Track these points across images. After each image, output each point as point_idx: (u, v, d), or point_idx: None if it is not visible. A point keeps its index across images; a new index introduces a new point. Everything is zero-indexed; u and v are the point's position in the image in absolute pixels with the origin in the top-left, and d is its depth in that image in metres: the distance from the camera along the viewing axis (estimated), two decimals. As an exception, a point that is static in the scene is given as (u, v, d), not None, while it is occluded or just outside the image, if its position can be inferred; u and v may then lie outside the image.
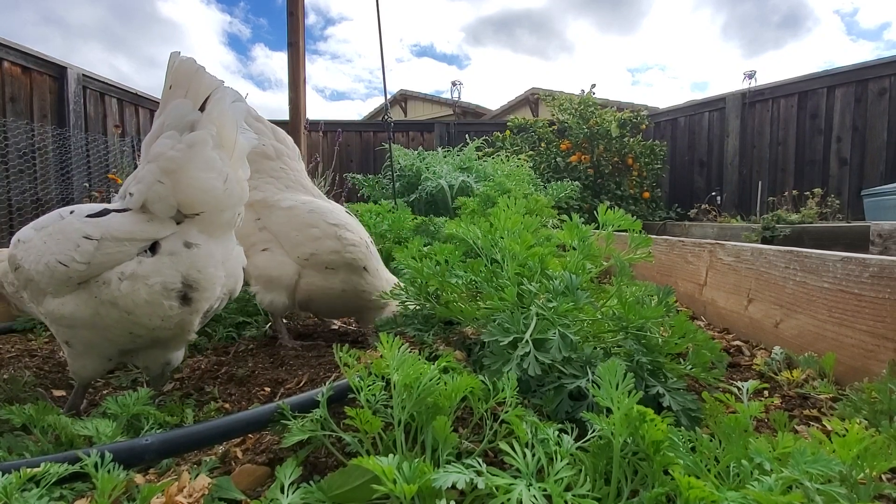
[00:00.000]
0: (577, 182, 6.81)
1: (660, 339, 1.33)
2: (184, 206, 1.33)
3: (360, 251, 2.01)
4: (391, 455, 0.78)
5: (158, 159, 1.30)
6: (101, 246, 1.28)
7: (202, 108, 1.31)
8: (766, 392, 1.57)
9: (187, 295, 1.34)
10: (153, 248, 1.32)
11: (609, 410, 0.85)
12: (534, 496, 0.72)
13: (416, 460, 0.77)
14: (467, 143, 6.99)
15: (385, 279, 2.10)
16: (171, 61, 1.33)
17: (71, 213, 1.38)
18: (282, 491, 0.83)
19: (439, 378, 0.98)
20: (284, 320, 2.28)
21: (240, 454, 1.15)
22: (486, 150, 7.78)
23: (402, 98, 22.56)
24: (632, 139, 8.07)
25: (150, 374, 1.56)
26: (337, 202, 2.34)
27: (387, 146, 5.10)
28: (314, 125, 4.90)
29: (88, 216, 1.34)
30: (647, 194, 8.06)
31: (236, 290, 1.54)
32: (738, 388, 1.11)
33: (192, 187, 1.30)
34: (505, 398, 0.99)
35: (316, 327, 2.49)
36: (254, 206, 2.06)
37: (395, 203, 4.16)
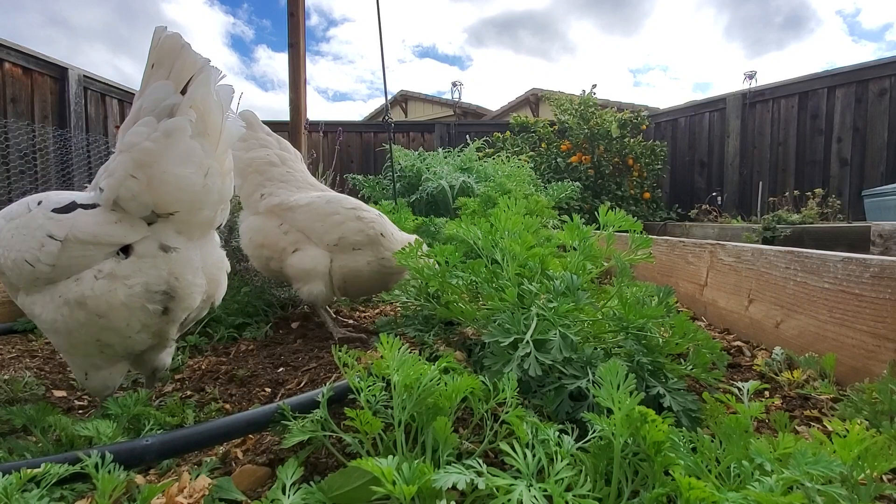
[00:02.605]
0: (577, 183, 6.80)
1: (660, 340, 1.33)
2: (158, 204, 1.19)
3: (377, 224, 2.16)
4: (391, 456, 0.78)
5: (131, 150, 1.15)
6: (65, 248, 1.16)
7: (184, 91, 1.16)
8: (766, 392, 1.57)
9: (166, 304, 1.23)
10: (126, 251, 1.20)
11: (610, 411, 0.85)
12: (534, 496, 0.72)
13: (417, 461, 0.77)
14: (468, 144, 6.99)
15: (400, 240, 2.21)
16: (155, 36, 1.17)
17: (38, 203, 1.24)
18: (283, 491, 0.83)
19: (439, 379, 0.98)
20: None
21: (240, 455, 1.15)
22: (487, 150, 7.79)
23: (403, 99, 22.56)
24: (632, 140, 8.07)
25: (143, 375, 1.51)
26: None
27: (387, 147, 5.11)
28: (315, 126, 4.91)
29: (55, 210, 1.21)
30: (647, 195, 8.06)
31: (218, 297, 1.41)
32: (739, 389, 1.11)
33: (168, 183, 1.16)
34: (505, 399, 0.99)
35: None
36: (274, 212, 2.18)
37: (396, 203, 4.16)
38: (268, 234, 2.17)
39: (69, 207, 1.21)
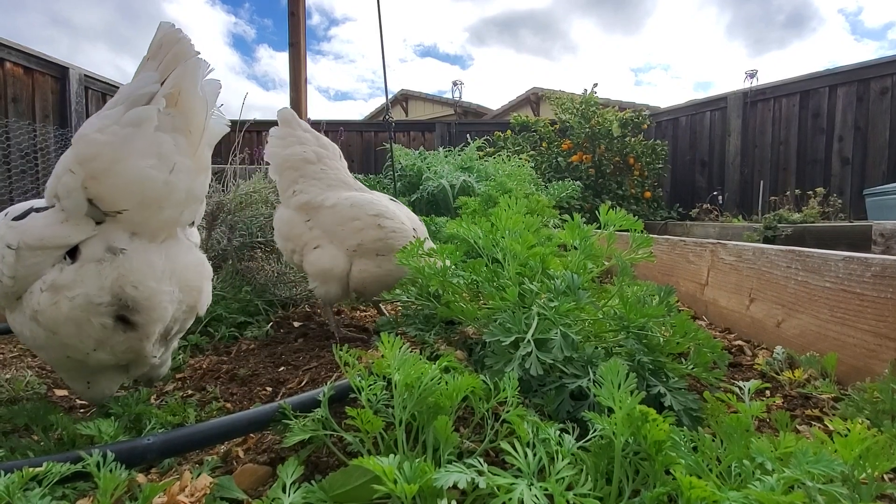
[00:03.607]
0: (578, 182, 6.80)
1: (661, 339, 1.33)
2: (102, 200, 1.08)
3: (401, 235, 2.10)
4: (392, 455, 0.78)
5: (78, 142, 1.06)
6: (19, 256, 1.08)
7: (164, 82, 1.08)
8: (767, 392, 1.57)
9: (127, 317, 1.11)
10: (73, 254, 1.09)
11: (611, 410, 0.85)
12: (535, 496, 0.72)
13: (417, 460, 0.77)
14: (468, 143, 6.99)
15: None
16: (157, 30, 1.11)
17: (5, 215, 1.17)
18: (283, 490, 0.83)
19: (440, 378, 0.98)
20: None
21: (241, 454, 1.15)
22: (488, 149, 7.78)
23: (404, 98, 22.55)
24: (633, 139, 8.06)
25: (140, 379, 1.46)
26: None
27: (388, 146, 5.11)
28: (315, 125, 4.89)
29: (14, 218, 1.14)
30: (648, 194, 8.05)
31: (201, 305, 1.27)
32: (740, 388, 1.11)
33: (116, 177, 1.05)
34: (506, 398, 0.99)
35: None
36: (303, 209, 2.21)
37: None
38: (293, 228, 2.21)
39: (25, 213, 1.13)
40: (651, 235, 1.62)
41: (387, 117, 4.42)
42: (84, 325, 1.09)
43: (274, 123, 2.30)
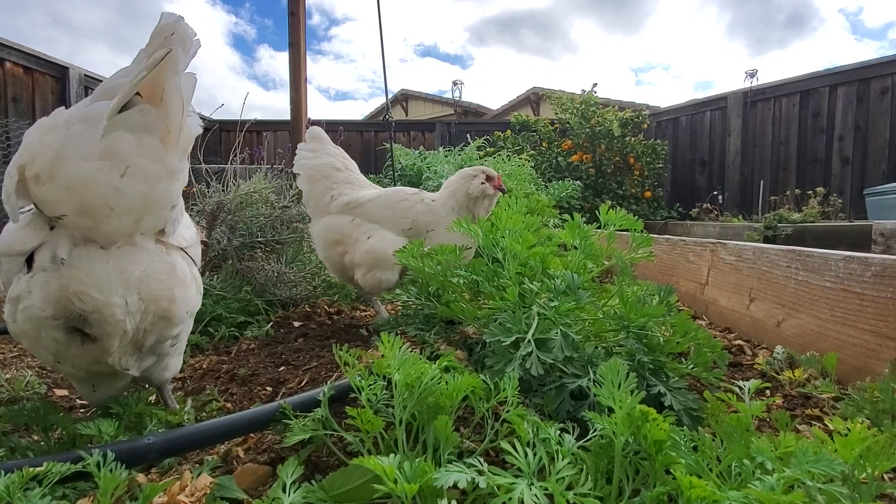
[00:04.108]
0: (578, 181, 6.81)
1: (661, 339, 1.33)
2: (43, 204, 1.00)
3: (440, 207, 2.26)
4: (392, 454, 0.78)
5: (23, 141, 0.99)
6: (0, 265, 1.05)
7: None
8: (767, 391, 1.57)
9: (84, 330, 1.04)
10: (30, 262, 1.03)
11: (611, 410, 0.85)
12: (535, 495, 0.72)
13: (418, 460, 0.77)
14: (468, 143, 7.00)
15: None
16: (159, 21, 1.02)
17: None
18: (284, 490, 0.83)
19: (440, 377, 0.98)
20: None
21: (241, 453, 1.15)
22: (488, 149, 7.78)
23: (404, 98, 22.55)
24: (633, 138, 8.06)
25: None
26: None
27: (388, 146, 5.10)
28: (315, 125, 4.90)
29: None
30: (648, 194, 8.05)
31: (174, 313, 1.14)
32: (740, 388, 1.11)
33: (58, 180, 0.96)
34: (506, 397, 0.99)
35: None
36: (345, 210, 2.33)
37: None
38: (342, 230, 2.30)
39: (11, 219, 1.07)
40: (651, 235, 1.62)
41: (387, 117, 4.42)
42: (37, 339, 1.03)
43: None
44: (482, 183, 2.26)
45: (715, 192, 8.20)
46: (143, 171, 1.00)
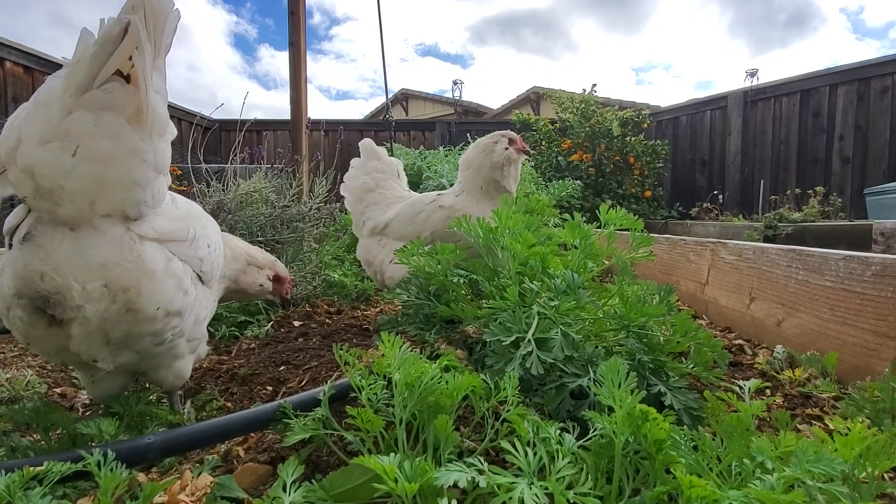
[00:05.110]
0: (578, 181, 6.80)
1: (661, 338, 1.33)
2: (14, 187, 1.02)
3: (460, 207, 2.18)
4: (393, 454, 0.78)
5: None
6: None
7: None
8: (767, 391, 1.57)
9: (51, 312, 1.04)
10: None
11: (611, 409, 0.85)
12: (535, 495, 0.72)
13: (418, 459, 0.77)
14: (469, 142, 6.98)
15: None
16: None
17: None
18: (284, 489, 0.83)
19: (441, 377, 0.98)
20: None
21: (242, 453, 1.15)
22: (488, 149, 7.77)
23: (404, 97, 22.55)
24: (633, 138, 8.06)
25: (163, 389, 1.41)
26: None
27: (388, 145, 5.10)
28: (316, 124, 4.91)
29: None
30: (648, 193, 8.05)
31: (139, 307, 1.08)
32: (740, 387, 1.11)
33: (18, 161, 0.98)
34: (506, 397, 0.99)
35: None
36: (373, 234, 2.40)
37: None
38: (370, 251, 2.38)
39: None
40: (651, 234, 1.61)
41: (387, 116, 4.42)
42: (6, 317, 1.06)
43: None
44: (505, 148, 2.12)
45: (715, 192, 8.20)
46: (96, 150, 0.98)
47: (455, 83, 21.34)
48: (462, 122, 10.82)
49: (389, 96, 4.59)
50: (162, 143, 1.10)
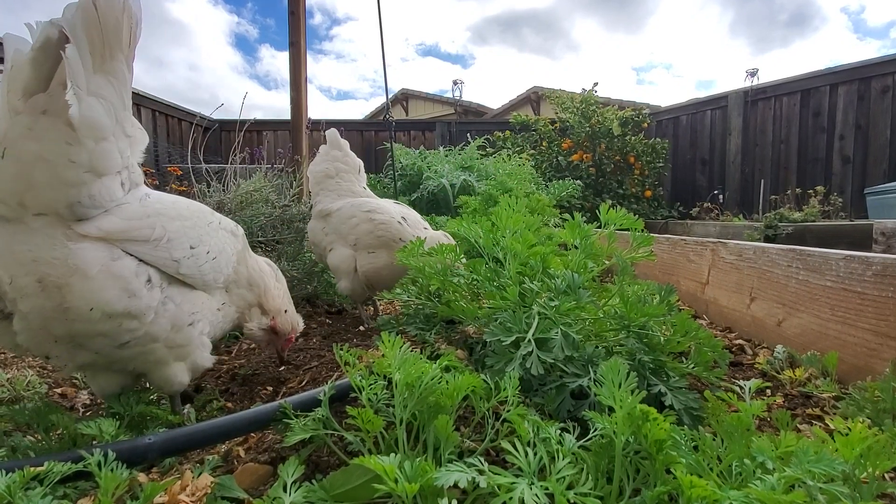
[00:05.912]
0: (578, 181, 6.81)
1: (662, 338, 1.33)
2: None
3: (390, 227, 2.31)
4: (393, 454, 0.78)
5: None
6: None
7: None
8: (768, 391, 1.57)
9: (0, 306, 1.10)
10: None
11: (611, 409, 0.85)
12: (536, 495, 0.72)
13: (418, 459, 0.77)
14: (469, 142, 6.99)
15: (430, 237, 2.31)
16: None
17: None
18: (284, 489, 0.83)
19: (441, 377, 0.98)
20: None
21: (242, 453, 1.15)
22: (488, 149, 7.78)
23: (404, 97, 22.55)
24: (633, 138, 8.06)
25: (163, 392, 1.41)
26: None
27: (388, 145, 5.10)
28: (316, 124, 4.91)
29: None
30: (648, 193, 8.05)
31: (69, 306, 1.08)
32: (741, 387, 1.11)
33: None
34: (507, 397, 0.99)
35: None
36: (319, 217, 2.51)
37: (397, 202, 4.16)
38: (315, 234, 2.51)
39: None
40: (651, 234, 1.61)
41: (387, 116, 4.41)
42: None
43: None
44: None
45: (715, 192, 8.20)
46: (23, 152, 1.02)
47: (455, 83, 21.34)
48: (462, 122, 10.83)
49: (390, 96, 4.59)
50: (103, 146, 1.10)
